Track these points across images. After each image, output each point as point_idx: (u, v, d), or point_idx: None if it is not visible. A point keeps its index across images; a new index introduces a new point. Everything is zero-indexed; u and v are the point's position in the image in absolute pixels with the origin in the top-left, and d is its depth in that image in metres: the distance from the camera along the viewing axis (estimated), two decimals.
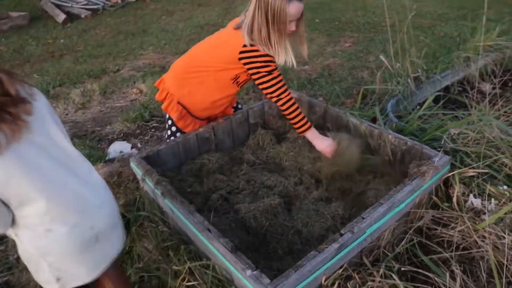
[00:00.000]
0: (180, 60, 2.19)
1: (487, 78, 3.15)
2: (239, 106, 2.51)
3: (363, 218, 1.59)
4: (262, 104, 2.49)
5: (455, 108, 2.51)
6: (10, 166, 1.13)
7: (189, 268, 1.72)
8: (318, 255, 1.45)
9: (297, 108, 2.03)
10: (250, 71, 1.97)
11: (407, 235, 1.75)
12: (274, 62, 1.95)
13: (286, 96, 2.00)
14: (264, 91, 2.03)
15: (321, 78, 4.20)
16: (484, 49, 3.43)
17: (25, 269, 2.10)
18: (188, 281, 1.67)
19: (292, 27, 1.89)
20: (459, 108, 2.55)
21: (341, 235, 1.53)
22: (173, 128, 2.22)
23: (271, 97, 2.03)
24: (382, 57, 3.08)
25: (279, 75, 1.98)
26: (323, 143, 2.06)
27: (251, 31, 1.89)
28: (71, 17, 7.55)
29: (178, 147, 2.18)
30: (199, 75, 2.06)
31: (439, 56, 4.06)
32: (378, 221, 1.62)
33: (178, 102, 2.12)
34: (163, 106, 2.18)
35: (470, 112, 2.17)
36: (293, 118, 2.05)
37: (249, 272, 1.40)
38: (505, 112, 2.19)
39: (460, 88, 3.09)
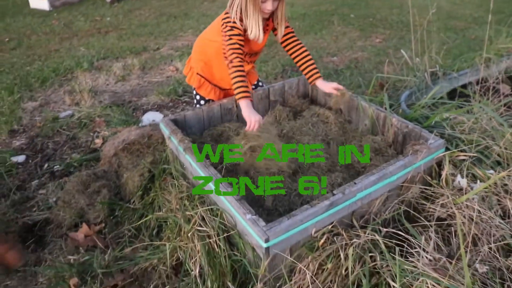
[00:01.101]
0: (198, 36, 2.51)
1: (507, 80, 3.25)
2: (260, 83, 2.75)
3: (355, 183, 1.81)
4: (283, 83, 2.71)
5: (464, 101, 2.66)
6: None
7: (202, 216, 1.99)
8: (309, 208, 1.67)
9: (238, 76, 2.13)
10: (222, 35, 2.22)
11: (397, 205, 1.94)
12: (239, 30, 2.17)
13: (231, 61, 2.15)
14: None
15: (347, 69, 4.38)
16: (509, 51, 3.52)
17: (62, 207, 2.43)
18: (199, 225, 1.93)
19: (267, 5, 2.13)
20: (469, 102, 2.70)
21: (333, 194, 1.75)
22: (198, 97, 2.51)
23: (225, 58, 2.25)
24: (402, 51, 3.24)
25: (234, 43, 2.16)
26: (249, 115, 2.09)
27: (231, 4, 2.19)
28: None
29: (203, 114, 2.44)
30: (210, 48, 2.39)
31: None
32: (369, 188, 1.82)
33: (197, 73, 2.42)
34: (186, 79, 2.50)
35: (471, 104, 2.32)
36: (233, 84, 2.17)
37: (249, 216, 1.65)
38: (505, 104, 2.33)
39: (478, 87, 3.21)
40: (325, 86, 2.44)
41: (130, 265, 2.13)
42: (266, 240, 1.56)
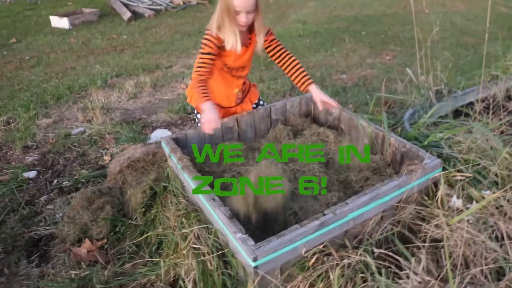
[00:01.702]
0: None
1: None
2: (261, 102, 2.80)
3: (347, 203, 1.82)
4: (285, 102, 2.75)
5: (464, 120, 2.65)
6: None
7: (197, 234, 2.02)
8: (299, 228, 1.69)
9: (196, 84, 2.25)
10: None
11: (390, 226, 1.94)
12: (213, 44, 2.27)
13: (195, 70, 2.29)
14: None
15: (355, 87, 4.39)
16: None
17: (66, 223, 2.50)
18: (194, 243, 1.97)
19: (241, 18, 2.19)
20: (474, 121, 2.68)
21: (324, 214, 1.76)
22: (198, 116, 2.56)
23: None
24: (407, 69, 3.24)
25: (202, 62, 2.28)
26: (205, 114, 2.14)
27: (212, 20, 2.28)
28: (136, 15, 8.18)
29: (204, 133, 2.49)
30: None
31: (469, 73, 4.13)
32: (361, 208, 1.83)
33: None
34: (188, 99, 2.59)
35: (470, 123, 2.31)
36: (196, 95, 2.30)
37: (239, 235, 1.67)
38: (505, 123, 2.31)
39: (479, 105, 3.19)
40: (317, 95, 2.50)
41: (129, 281, 2.17)
42: (254, 259, 1.58)
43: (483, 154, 2.08)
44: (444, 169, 2.07)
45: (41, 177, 3.15)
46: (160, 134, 3.64)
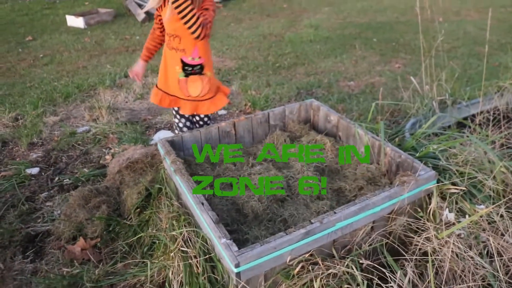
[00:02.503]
0: None
1: None
2: (207, 120, 2.72)
3: (335, 212, 1.80)
4: (284, 108, 2.75)
5: (471, 132, 2.60)
6: None
7: (187, 237, 2.02)
8: (284, 236, 1.68)
9: (145, 43, 2.75)
10: None
11: (380, 237, 1.92)
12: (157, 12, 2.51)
13: None
14: None
15: (362, 94, 4.36)
16: None
17: (62, 220, 2.53)
18: (182, 246, 1.97)
19: None
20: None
21: (311, 223, 1.75)
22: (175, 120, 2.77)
23: None
24: (412, 78, 3.21)
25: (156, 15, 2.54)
26: (134, 66, 2.76)
27: None
28: (150, 16, 8.25)
29: (200, 136, 2.50)
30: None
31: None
32: (349, 218, 1.81)
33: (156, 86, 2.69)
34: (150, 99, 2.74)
35: (467, 135, 2.27)
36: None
37: (223, 240, 1.67)
38: (504, 137, 2.27)
39: (491, 117, 3.14)
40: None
41: (119, 280, 2.19)
42: (237, 265, 1.57)
43: (479, 167, 2.05)
44: (439, 181, 2.04)
45: (43, 174, 3.19)
46: (162, 136, 3.66)
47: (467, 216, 1.89)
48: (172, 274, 1.97)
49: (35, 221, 2.66)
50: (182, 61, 2.45)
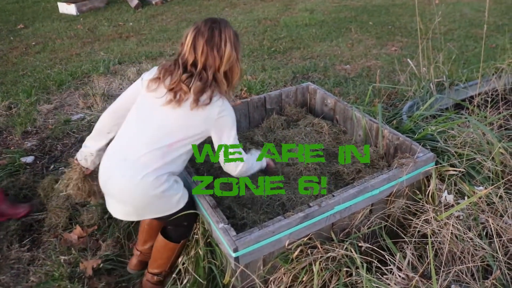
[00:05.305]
0: None
1: None
2: None
3: (333, 195, 1.79)
4: (280, 92, 2.71)
5: (470, 113, 2.59)
6: None
7: None
8: (283, 219, 1.67)
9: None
10: None
11: (379, 220, 1.91)
12: None
13: None
14: None
15: (359, 78, 4.33)
16: None
17: (58, 208, 2.51)
18: None
19: None
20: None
21: (309, 206, 1.74)
22: None
23: None
24: (409, 60, 3.18)
25: None
26: None
27: None
28: (143, 2, 8.14)
29: None
30: None
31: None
32: (348, 201, 1.80)
33: None
34: None
35: (466, 117, 2.26)
36: None
37: (221, 225, 1.66)
38: (502, 118, 2.25)
39: (489, 98, 3.12)
40: None
41: (117, 267, 2.18)
42: (235, 250, 1.56)
43: (478, 148, 2.03)
44: (437, 163, 2.03)
45: (38, 162, 3.16)
46: None
47: (466, 197, 1.88)
48: None
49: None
50: None
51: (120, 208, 1.75)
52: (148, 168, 1.64)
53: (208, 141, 1.83)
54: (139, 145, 1.68)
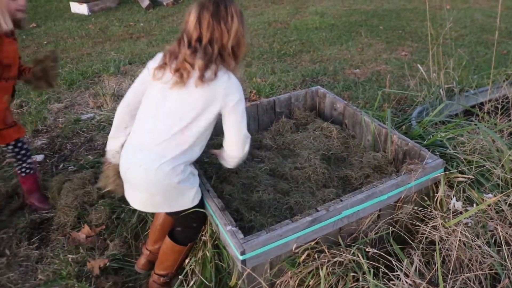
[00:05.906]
0: None
1: None
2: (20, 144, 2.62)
3: (341, 200, 1.79)
4: (289, 95, 2.72)
5: (479, 120, 2.57)
6: None
7: None
8: (290, 223, 1.67)
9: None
10: None
11: (387, 225, 1.90)
12: None
13: None
14: None
15: (368, 82, 4.32)
16: None
17: (67, 206, 2.53)
18: None
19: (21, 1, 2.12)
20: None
21: (317, 211, 1.74)
22: None
23: None
24: (419, 66, 3.17)
25: None
26: None
27: None
28: (154, 3, 8.19)
29: None
30: None
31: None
32: (356, 206, 1.80)
33: None
34: None
35: (475, 123, 2.25)
36: None
37: (229, 227, 1.66)
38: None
39: (499, 105, 3.10)
40: None
41: (124, 266, 2.20)
42: (242, 253, 1.57)
43: (487, 156, 2.02)
44: (446, 169, 2.02)
45: (48, 161, 3.19)
46: None
47: (474, 204, 1.87)
48: None
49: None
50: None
51: (138, 197, 1.77)
52: (164, 158, 1.66)
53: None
54: (153, 135, 1.69)
